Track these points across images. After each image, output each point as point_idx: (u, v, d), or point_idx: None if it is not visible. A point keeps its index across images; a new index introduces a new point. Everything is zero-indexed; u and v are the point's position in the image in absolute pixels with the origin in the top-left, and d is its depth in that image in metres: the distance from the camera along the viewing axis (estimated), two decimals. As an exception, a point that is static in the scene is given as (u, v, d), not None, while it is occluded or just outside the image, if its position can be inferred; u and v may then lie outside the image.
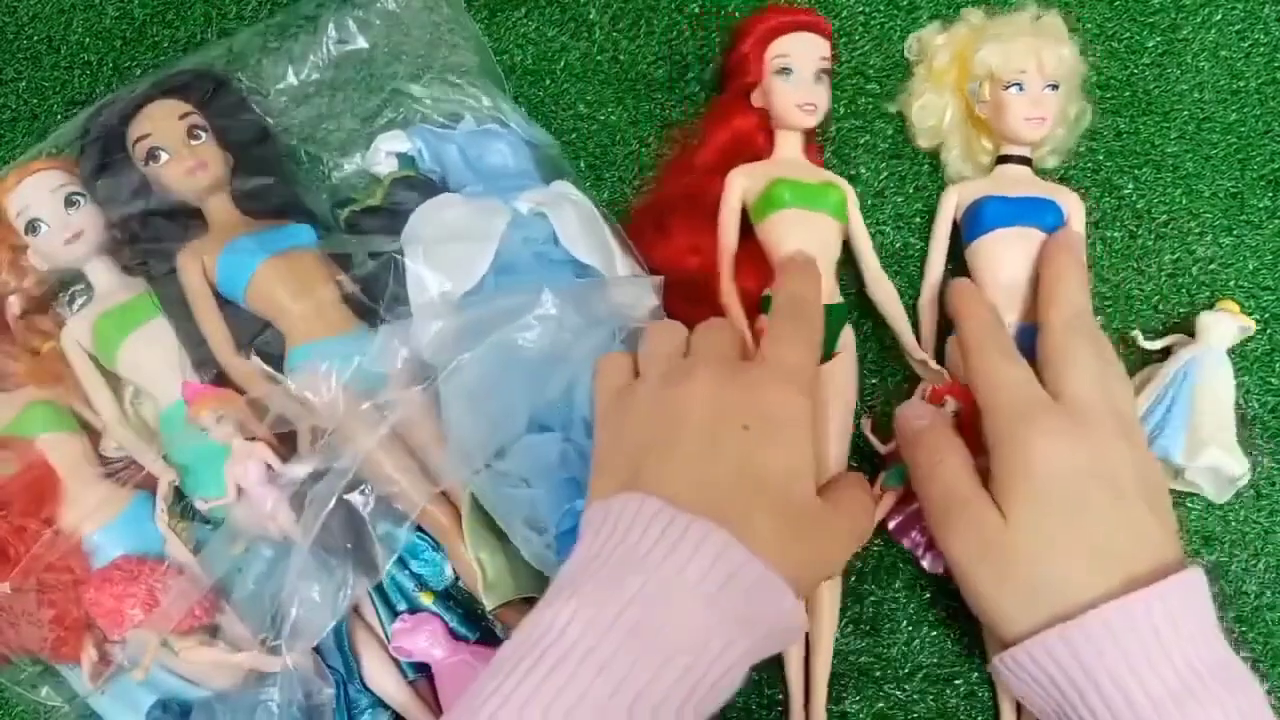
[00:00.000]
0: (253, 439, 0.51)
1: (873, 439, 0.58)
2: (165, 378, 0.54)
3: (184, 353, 0.54)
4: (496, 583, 0.51)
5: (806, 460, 0.42)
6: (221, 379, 0.54)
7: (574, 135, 0.64)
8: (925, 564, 0.54)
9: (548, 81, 0.64)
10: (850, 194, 0.61)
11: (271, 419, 0.51)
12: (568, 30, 0.65)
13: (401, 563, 0.55)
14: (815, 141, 0.63)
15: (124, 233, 0.55)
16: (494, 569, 0.51)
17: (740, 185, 0.59)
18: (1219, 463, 0.56)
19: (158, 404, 0.55)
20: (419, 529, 0.54)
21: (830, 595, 0.56)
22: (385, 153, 0.58)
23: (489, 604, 0.51)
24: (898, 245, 0.63)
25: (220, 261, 0.53)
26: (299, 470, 0.49)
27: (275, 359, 0.54)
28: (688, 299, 0.57)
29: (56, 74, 0.64)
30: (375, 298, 0.54)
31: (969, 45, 0.61)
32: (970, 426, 0.55)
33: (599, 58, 0.65)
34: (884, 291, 0.60)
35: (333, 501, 0.48)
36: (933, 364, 0.57)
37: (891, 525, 0.55)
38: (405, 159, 0.59)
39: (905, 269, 0.63)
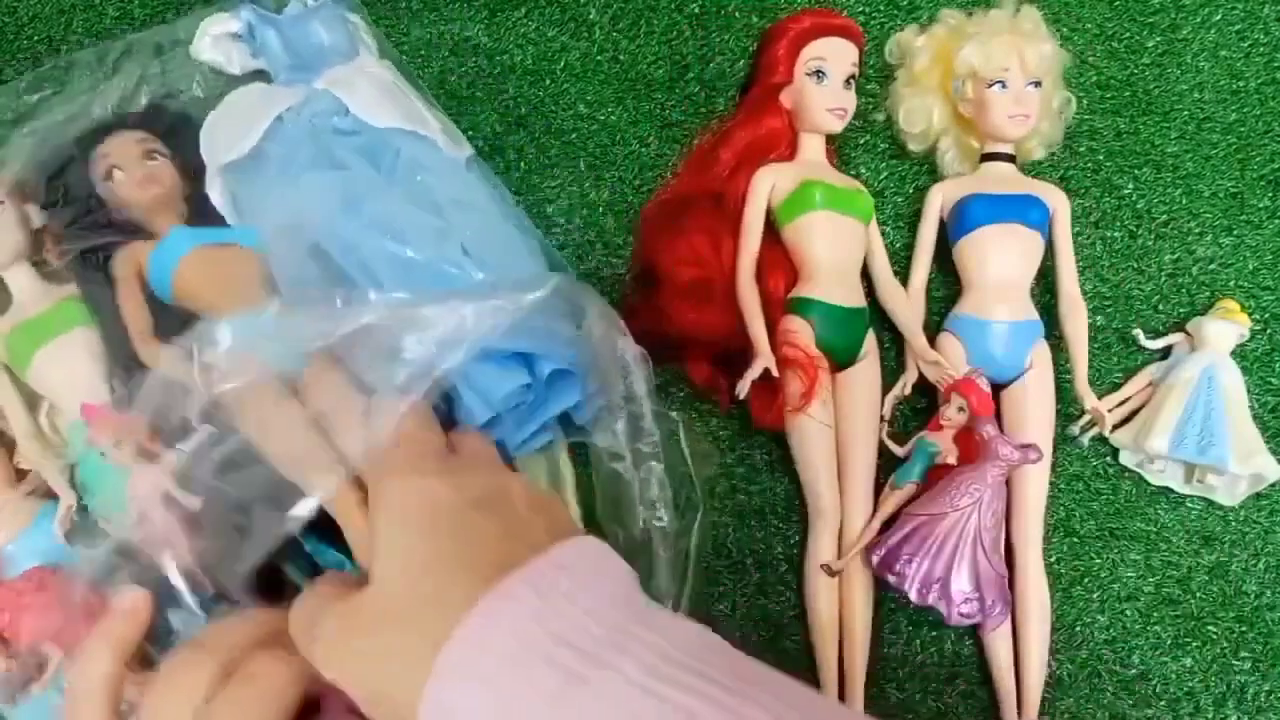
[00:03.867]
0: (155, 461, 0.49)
1: (890, 443, 0.58)
2: (76, 391, 0.52)
3: (100, 364, 0.53)
4: None
5: None
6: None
7: (574, 135, 0.64)
8: (912, 596, 0.53)
9: (548, 81, 0.64)
10: (872, 201, 0.61)
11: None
12: (568, 30, 0.65)
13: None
14: (830, 145, 0.63)
15: (70, 238, 0.54)
16: None
17: (769, 183, 0.59)
18: (1266, 468, 0.57)
19: (66, 417, 0.53)
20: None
21: (863, 589, 0.57)
22: (212, 37, 0.58)
23: None
24: (898, 245, 0.63)
25: (152, 256, 0.52)
26: (195, 502, 0.46)
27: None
28: (699, 300, 0.57)
29: (56, 73, 0.64)
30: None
31: (949, 45, 0.61)
32: (970, 429, 0.56)
33: (599, 58, 0.65)
34: (895, 297, 0.60)
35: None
36: (945, 365, 0.57)
37: (875, 560, 0.55)
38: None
39: (905, 269, 0.63)
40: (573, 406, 0.51)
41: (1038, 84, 0.59)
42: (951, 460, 0.57)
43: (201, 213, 0.55)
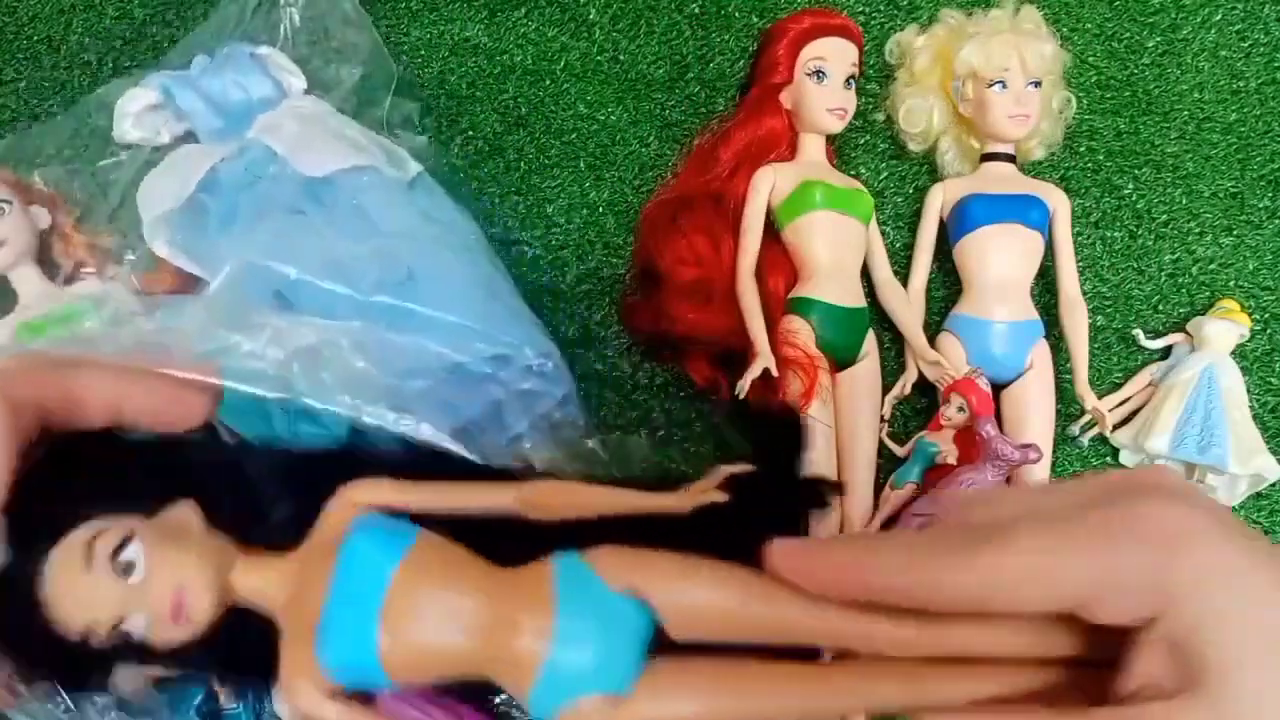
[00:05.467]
0: None
1: (890, 443, 0.58)
2: None
3: None
4: None
5: None
6: None
7: (574, 135, 0.64)
8: None
9: (548, 81, 0.64)
10: (872, 201, 0.61)
11: None
12: (568, 30, 0.65)
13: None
14: (830, 145, 0.63)
15: None
16: None
17: (769, 182, 0.59)
18: (1266, 468, 0.57)
19: None
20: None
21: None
22: (133, 116, 0.57)
23: None
24: (898, 245, 0.63)
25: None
26: None
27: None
28: (699, 300, 0.57)
29: (56, 74, 0.64)
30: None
31: (949, 45, 0.61)
32: (970, 429, 0.56)
33: (599, 58, 0.65)
34: (895, 297, 0.60)
35: None
36: (945, 365, 0.57)
37: None
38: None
39: (905, 269, 0.63)
40: None
41: (1038, 84, 0.59)
42: (951, 460, 0.57)
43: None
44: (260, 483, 0.30)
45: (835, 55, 0.60)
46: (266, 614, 0.28)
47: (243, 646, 0.29)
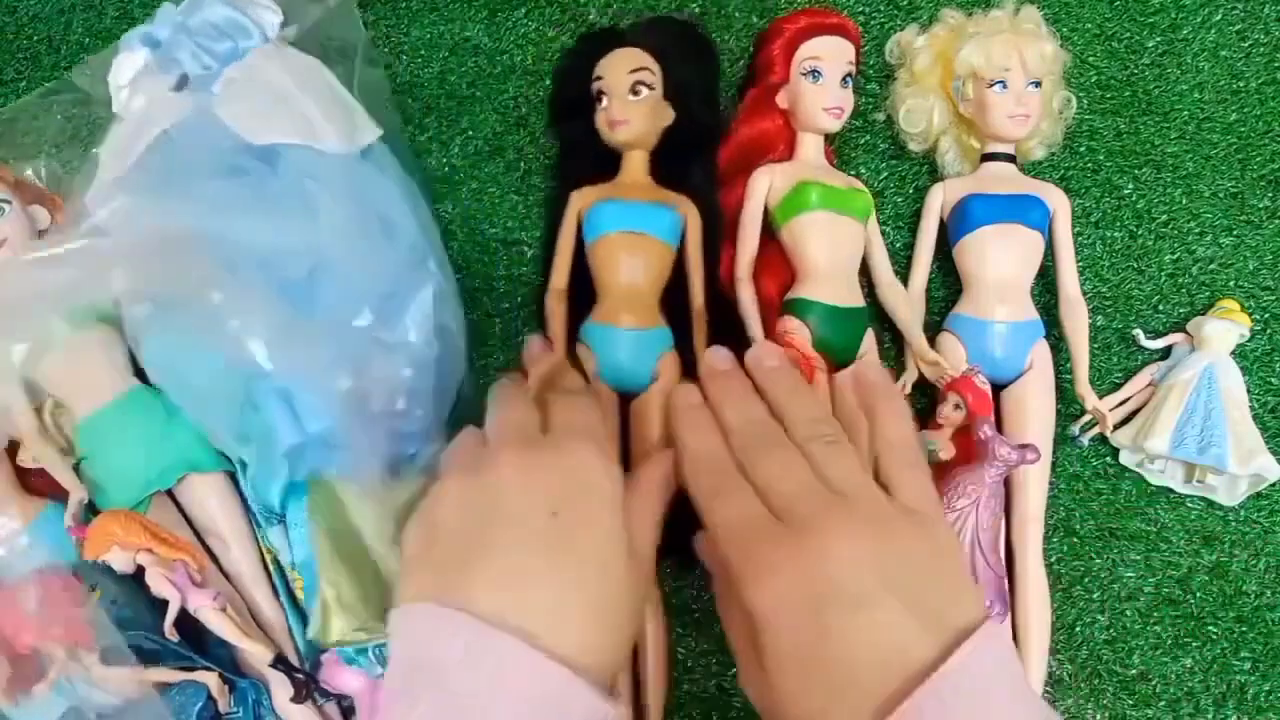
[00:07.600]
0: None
1: None
2: (85, 390, 0.53)
3: (111, 361, 0.53)
4: (351, 605, 0.50)
5: (616, 528, 0.39)
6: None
7: (574, 135, 0.64)
8: None
9: (548, 81, 0.64)
10: (871, 199, 0.61)
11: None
12: (568, 30, 0.65)
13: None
14: (830, 145, 0.63)
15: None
16: (349, 595, 0.51)
17: (766, 183, 0.59)
18: (1266, 468, 0.57)
19: (75, 416, 0.53)
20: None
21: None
22: (129, 88, 0.55)
23: (336, 632, 0.50)
24: (898, 245, 0.63)
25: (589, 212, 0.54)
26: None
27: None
28: None
29: (56, 74, 0.64)
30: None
31: (950, 45, 0.61)
32: (969, 429, 0.56)
33: (599, 58, 0.65)
34: (896, 296, 0.60)
35: None
36: (945, 365, 0.57)
37: None
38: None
39: (905, 269, 0.63)
40: None
41: (1038, 84, 0.59)
42: (944, 456, 0.57)
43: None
44: None
45: (831, 54, 0.59)
46: None
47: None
